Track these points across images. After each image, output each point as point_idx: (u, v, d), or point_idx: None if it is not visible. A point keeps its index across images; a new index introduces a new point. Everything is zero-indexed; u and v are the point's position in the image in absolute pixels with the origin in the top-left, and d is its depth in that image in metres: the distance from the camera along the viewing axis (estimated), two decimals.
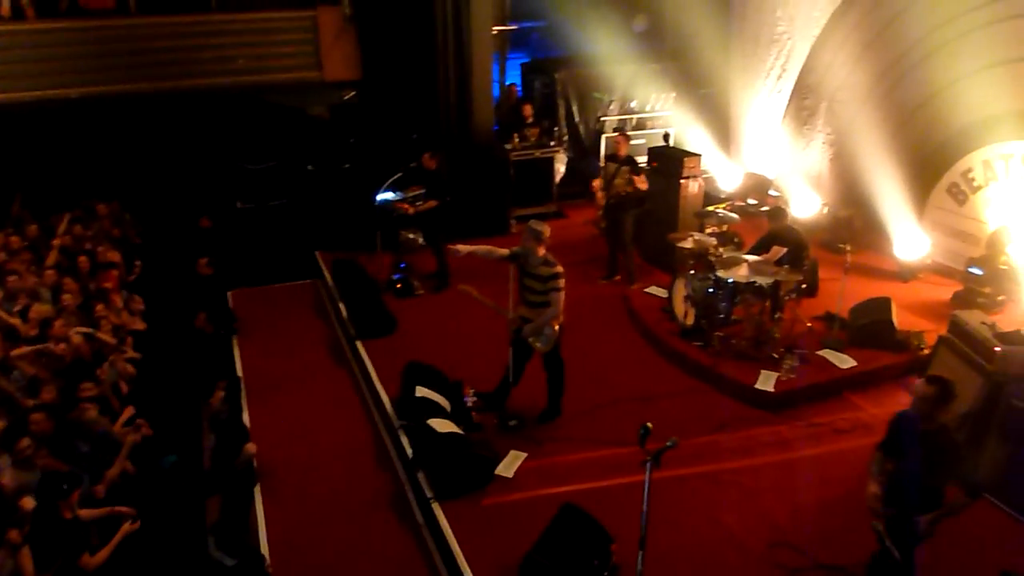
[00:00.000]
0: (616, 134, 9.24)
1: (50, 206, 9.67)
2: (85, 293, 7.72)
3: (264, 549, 5.56)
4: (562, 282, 6.27)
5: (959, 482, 4.20)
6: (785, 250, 7.55)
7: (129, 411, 6.27)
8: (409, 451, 6.36)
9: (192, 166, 11.17)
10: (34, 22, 10.17)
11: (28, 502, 4.64)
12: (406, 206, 9.69)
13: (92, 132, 10.71)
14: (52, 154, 10.48)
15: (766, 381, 7.04)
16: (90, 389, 6.03)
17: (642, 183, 8.97)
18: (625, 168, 9.09)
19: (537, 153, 11.39)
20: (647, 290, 9.04)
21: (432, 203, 9.20)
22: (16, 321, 6.87)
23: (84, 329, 7.00)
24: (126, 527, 4.94)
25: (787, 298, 7.53)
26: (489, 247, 6.55)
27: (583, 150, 12.59)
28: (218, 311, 8.70)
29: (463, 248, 6.48)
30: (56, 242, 8.51)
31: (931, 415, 4.20)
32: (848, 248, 7.70)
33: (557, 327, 6.33)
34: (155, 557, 5.18)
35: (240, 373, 8.03)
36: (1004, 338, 6.01)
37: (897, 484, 4.34)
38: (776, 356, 7.27)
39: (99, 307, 7.38)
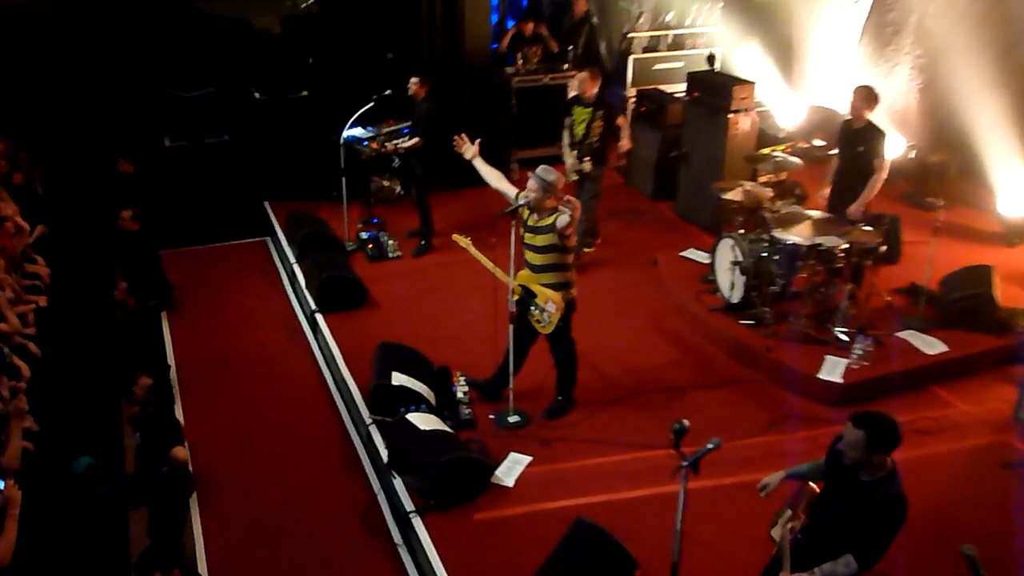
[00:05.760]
0: (584, 72, 8.88)
1: None
2: None
3: (203, 573, 5.65)
4: (573, 241, 6.35)
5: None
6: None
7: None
8: (384, 453, 6.42)
9: (108, 93, 11.09)
10: None
11: None
12: (378, 145, 9.67)
13: None
14: None
15: (832, 369, 7.08)
16: None
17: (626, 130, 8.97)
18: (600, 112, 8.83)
19: (546, 79, 11.34)
20: (684, 254, 9.08)
21: (417, 141, 9.18)
22: None
23: None
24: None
25: (862, 265, 7.55)
26: (500, 174, 6.73)
27: (605, 75, 12.50)
28: (148, 278, 8.72)
29: (470, 151, 6.75)
30: None
31: (868, 463, 4.10)
32: (939, 203, 7.69)
33: (563, 302, 6.37)
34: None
35: (171, 356, 8.08)
36: None
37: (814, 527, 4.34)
38: (846, 338, 7.31)
39: None
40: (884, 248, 7.72)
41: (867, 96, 7.69)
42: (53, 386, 6.92)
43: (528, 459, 6.42)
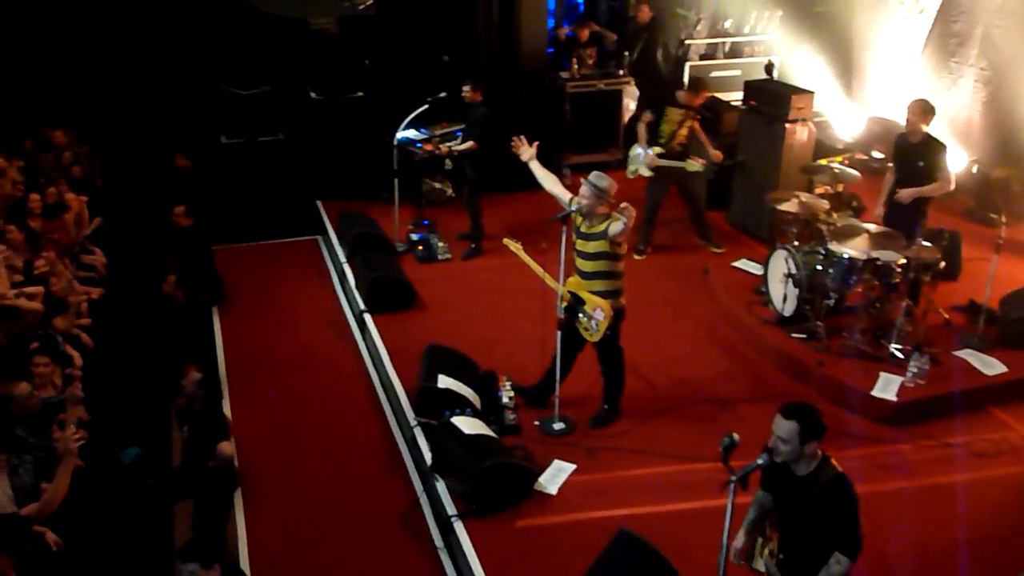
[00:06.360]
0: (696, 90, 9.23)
1: None
2: (32, 243, 7.91)
3: (245, 568, 5.68)
4: (624, 248, 6.32)
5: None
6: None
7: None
8: (428, 456, 6.42)
9: (167, 89, 11.27)
10: None
11: None
12: (432, 147, 9.69)
13: (44, 45, 10.87)
14: None
15: (886, 387, 6.95)
16: (46, 364, 6.18)
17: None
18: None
19: (601, 85, 11.29)
20: (736, 264, 9.00)
21: (472, 145, 9.20)
22: None
23: (36, 289, 7.17)
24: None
25: (920, 281, 7.40)
26: (556, 178, 6.72)
27: (660, 82, 12.44)
28: (199, 273, 8.83)
29: (527, 152, 6.70)
30: None
31: (801, 454, 4.08)
32: (1002, 219, 7.51)
33: (612, 310, 6.32)
34: (115, 567, 5.34)
35: (221, 351, 8.17)
36: None
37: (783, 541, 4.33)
38: (901, 355, 7.17)
39: (45, 258, 7.57)
40: (943, 264, 7.58)
41: (922, 109, 7.55)
42: (104, 376, 7.04)
43: (572, 467, 6.37)
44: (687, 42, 11.92)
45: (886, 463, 6.46)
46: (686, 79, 11.56)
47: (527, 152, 6.82)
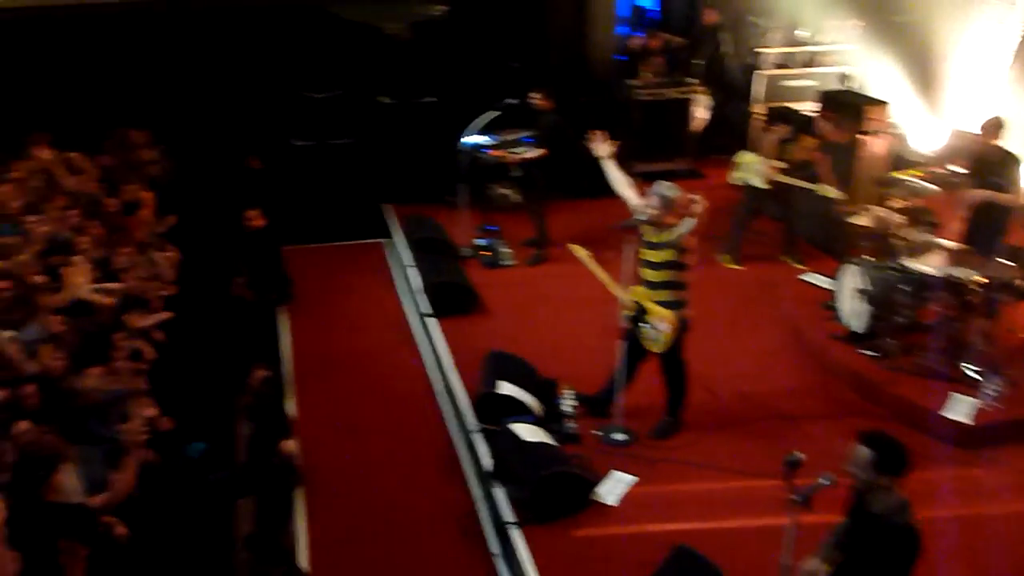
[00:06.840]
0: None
1: (71, 136, 10.15)
2: (111, 239, 8.15)
3: (304, 565, 5.77)
4: (693, 258, 6.27)
5: None
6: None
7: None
8: (487, 461, 6.43)
9: (241, 93, 11.52)
10: None
11: None
12: (502, 153, 9.74)
13: (123, 48, 11.20)
14: (72, 74, 11.01)
15: (960, 408, 6.78)
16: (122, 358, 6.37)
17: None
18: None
19: (670, 93, 11.21)
20: (805, 278, 8.89)
21: (542, 152, 9.21)
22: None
23: (114, 285, 7.39)
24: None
25: (999, 300, 7.20)
26: (629, 180, 6.65)
27: (731, 91, 12.32)
28: (269, 274, 8.99)
29: (603, 149, 6.66)
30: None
31: (876, 485, 3.94)
32: None
33: (676, 321, 6.26)
34: (178, 559, 5.46)
35: (287, 351, 8.31)
36: None
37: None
38: (976, 376, 6.98)
39: (123, 254, 7.78)
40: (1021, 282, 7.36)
41: (991, 126, 7.51)
42: (174, 372, 7.20)
43: (631, 479, 6.33)
44: (760, 50, 11.79)
45: (956, 488, 6.28)
46: (760, 89, 11.47)
47: (603, 148, 6.75)
